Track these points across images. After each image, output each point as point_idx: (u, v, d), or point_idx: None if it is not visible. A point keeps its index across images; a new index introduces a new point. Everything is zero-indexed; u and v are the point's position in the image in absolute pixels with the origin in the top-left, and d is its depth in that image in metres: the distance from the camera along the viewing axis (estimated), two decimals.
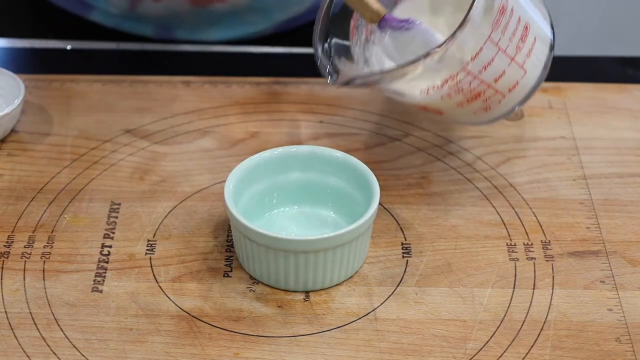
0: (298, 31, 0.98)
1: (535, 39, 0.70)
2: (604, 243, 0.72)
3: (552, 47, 0.72)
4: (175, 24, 0.95)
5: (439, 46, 0.64)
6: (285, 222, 0.72)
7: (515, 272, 0.69)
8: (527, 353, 0.64)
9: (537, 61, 0.71)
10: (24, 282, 0.68)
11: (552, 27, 0.73)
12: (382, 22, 0.70)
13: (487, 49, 0.66)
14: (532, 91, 0.72)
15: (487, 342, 0.64)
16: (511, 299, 0.67)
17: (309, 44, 0.73)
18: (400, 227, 0.73)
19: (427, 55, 0.64)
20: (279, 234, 0.65)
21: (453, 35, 0.64)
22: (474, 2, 0.63)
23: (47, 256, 0.70)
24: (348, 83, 0.68)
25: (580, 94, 0.87)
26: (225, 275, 0.69)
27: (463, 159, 0.79)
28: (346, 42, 0.73)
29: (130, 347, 0.64)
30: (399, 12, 0.73)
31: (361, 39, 0.74)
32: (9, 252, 0.70)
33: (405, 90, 0.69)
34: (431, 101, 0.70)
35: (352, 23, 0.74)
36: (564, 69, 0.91)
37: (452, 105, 0.70)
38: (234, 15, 0.95)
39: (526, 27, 0.68)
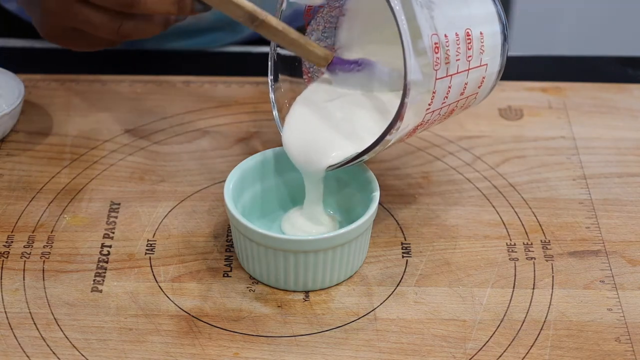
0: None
1: (481, 33, 0.65)
2: (603, 243, 0.72)
3: (499, 17, 0.67)
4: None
5: (386, 133, 0.62)
6: (284, 222, 0.72)
7: (515, 272, 0.69)
8: (527, 353, 0.64)
9: (492, 47, 0.67)
10: (24, 282, 0.68)
11: None
12: (330, 66, 0.68)
13: (439, 87, 0.63)
14: (501, 70, 0.69)
15: (487, 342, 0.64)
16: (511, 299, 0.67)
17: None
18: (400, 227, 0.73)
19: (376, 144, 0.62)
20: (279, 234, 0.65)
21: (395, 119, 0.61)
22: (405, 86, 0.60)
23: (47, 256, 0.70)
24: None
25: (580, 93, 0.87)
26: (225, 275, 0.69)
27: (463, 159, 0.79)
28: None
29: (130, 347, 0.64)
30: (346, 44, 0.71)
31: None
32: (8, 252, 0.70)
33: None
34: (414, 136, 0.67)
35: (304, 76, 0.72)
36: (564, 69, 0.91)
37: (433, 126, 0.68)
38: (201, 29, 0.94)
39: (467, 34, 0.64)
